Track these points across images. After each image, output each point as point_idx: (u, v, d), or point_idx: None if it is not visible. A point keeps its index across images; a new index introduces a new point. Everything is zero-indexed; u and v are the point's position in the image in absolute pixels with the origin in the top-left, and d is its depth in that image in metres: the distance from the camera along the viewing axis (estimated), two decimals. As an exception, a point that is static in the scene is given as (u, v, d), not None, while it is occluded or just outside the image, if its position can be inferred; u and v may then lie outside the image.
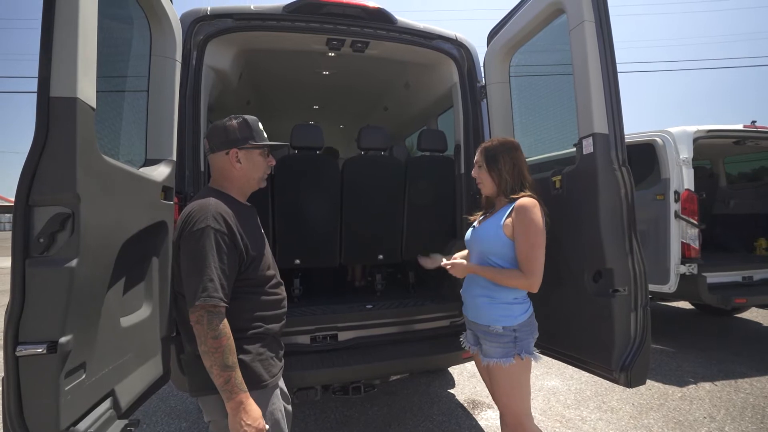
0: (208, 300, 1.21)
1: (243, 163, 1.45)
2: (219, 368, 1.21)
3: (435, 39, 2.72)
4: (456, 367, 3.74)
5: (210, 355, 1.21)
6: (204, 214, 1.29)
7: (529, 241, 1.59)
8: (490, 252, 1.70)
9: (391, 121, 4.63)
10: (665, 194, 3.83)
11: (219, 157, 1.46)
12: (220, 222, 1.30)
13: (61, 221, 1.12)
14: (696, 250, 3.80)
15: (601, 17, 1.79)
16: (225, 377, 1.21)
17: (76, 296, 1.15)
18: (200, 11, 2.33)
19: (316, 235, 2.79)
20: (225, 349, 1.21)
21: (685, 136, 3.89)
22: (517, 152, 1.76)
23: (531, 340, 1.68)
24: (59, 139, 1.12)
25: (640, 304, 1.74)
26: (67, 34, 1.15)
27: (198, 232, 1.26)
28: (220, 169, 1.47)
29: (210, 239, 1.26)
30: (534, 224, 1.58)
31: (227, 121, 1.48)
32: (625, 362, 1.70)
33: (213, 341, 1.21)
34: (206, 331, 1.21)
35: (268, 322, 1.46)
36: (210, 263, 1.24)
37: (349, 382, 2.31)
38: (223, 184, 1.48)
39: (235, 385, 1.22)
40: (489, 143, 1.81)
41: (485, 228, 1.75)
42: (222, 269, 1.26)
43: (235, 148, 1.43)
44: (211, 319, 1.22)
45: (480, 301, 1.73)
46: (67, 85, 1.14)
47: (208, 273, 1.23)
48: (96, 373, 1.30)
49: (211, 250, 1.25)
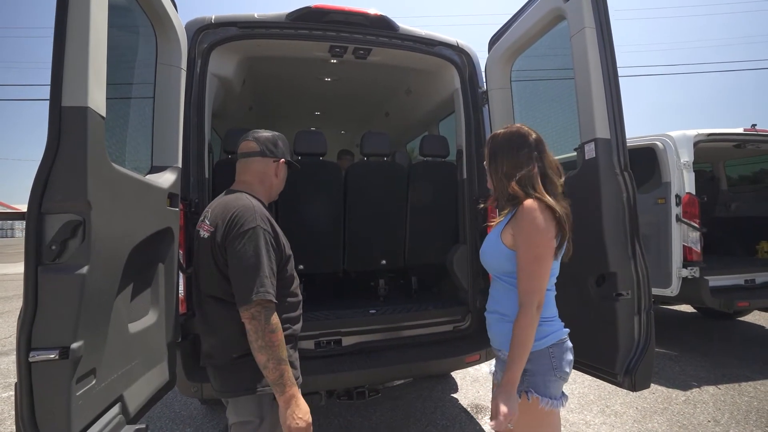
0: (266, 295, 1.25)
1: (280, 175, 1.56)
2: (275, 362, 1.25)
3: (437, 45, 2.75)
4: (459, 372, 3.74)
5: (267, 350, 1.25)
6: (252, 215, 1.34)
7: (531, 253, 1.27)
8: (494, 269, 1.43)
9: (393, 127, 4.65)
10: (666, 198, 3.84)
11: (265, 163, 1.53)
12: (266, 223, 1.36)
13: (72, 228, 1.14)
14: (698, 253, 3.80)
15: (602, 23, 1.81)
16: (280, 371, 1.25)
17: (87, 303, 1.17)
18: (205, 19, 2.35)
19: (320, 241, 2.81)
20: (282, 343, 1.27)
21: (686, 139, 3.91)
22: (524, 148, 1.38)
23: (551, 378, 1.30)
24: (70, 148, 1.14)
25: (644, 308, 1.75)
26: (78, 45, 1.17)
27: (250, 232, 1.31)
28: (261, 174, 1.53)
29: (260, 239, 1.31)
30: (536, 231, 1.26)
31: (273, 134, 1.58)
32: (630, 366, 1.70)
33: (271, 335, 1.25)
34: (264, 327, 1.25)
35: (294, 323, 1.49)
36: (263, 261, 1.29)
37: (353, 387, 2.32)
38: (256, 188, 1.52)
39: (288, 379, 1.27)
40: (497, 132, 1.48)
41: (488, 238, 1.48)
42: (271, 267, 1.32)
43: (282, 159, 1.55)
44: (268, 315, 1.26)
45: (491, 317, 1.45)
46: (78, 95, 1.16)
47: (264, 270, 1.28)
48: (105, 378, 1.31)
49: (263, 249, 1.31)
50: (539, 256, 1.27)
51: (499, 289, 1.44)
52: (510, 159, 1.39)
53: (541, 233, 1.27)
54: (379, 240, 2.92)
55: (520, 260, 1.30)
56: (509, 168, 1.38)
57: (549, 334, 1.33)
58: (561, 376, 1.33)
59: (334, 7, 2.46)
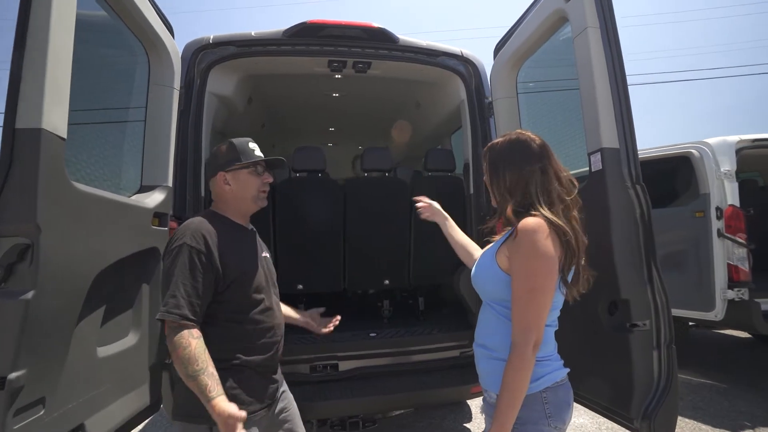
0: (166, 316, 1.22)
1: (232, 184, 1.47)
2: (185, 377, 1.21)
3: (440, 56, 2.66)
4: (473, 400, 3.48)
5: (176, 365, 1.22)
6: (183, 232, 1.32)
7: (528, 282, 1.09)
8: (487, 294, 1.25)
9: (406, 142, 4.57)
10: (705, 211, 3.48)
11: (213, 182, 1.51)
12: (198, 240, 1.31)
13: (19, 252, 1.11)
14: (745, 272, 3.39)
15: (606, 23, 1.65)
16: (192, 386, 1.20)
17: (33, 329, 1.13)
18: (203, 40, 2.39)
19: (319, 260, 2.73)
20: (183, 359, 1.20)
21: (726, 146, 3.54)
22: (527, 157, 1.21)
23: (545, 429, 1.12)
24: (21, 170, 1.12)
25: (664, 341, 1.52)
26: (35, 66, 1.16)
27: (174, 250, 1.29)
28: (216, 193, 1.52)
29: (183, 256, 1.27)
30: (534, 256, 1.08)
31: (217, 147, 1.52)
32: (648, 409, 1.47)
33: (174, 352, 1.21)
34: (170, 343, 1.22)
35: (249, 354, 1.38)
36: (176, 280, 1.25)
37: (347, 416, 2.18)
38: (220, 206, 1.52)
39: (201, 392, 1.19)
40: (495, 142, 1.31)
41: (480, 260, 1.30)
42: (193, 286, 1.26)
43: (221, 172, 1.47)
44: (170, 334, 1.23)
45: (477, 351, 1.28)
46: (32, 117, 1.14)
47: (172, 289, 1.24)
48: (59, 407, 1.26)
49: (181, 267, 1.26)
50: (537, 287, 1.08)
51: (489, 319, 1.25)
52: (512, 171, 1.21)
53: (540, 259, 1.08)
54: (382, 259, 2.80)
55: (515, 289, 1.12)
56: (512, 181, 1.21)
57: (543, 375, 1.13)
58: (556, 426, 1.14)
59: (330, 22, 2.43)
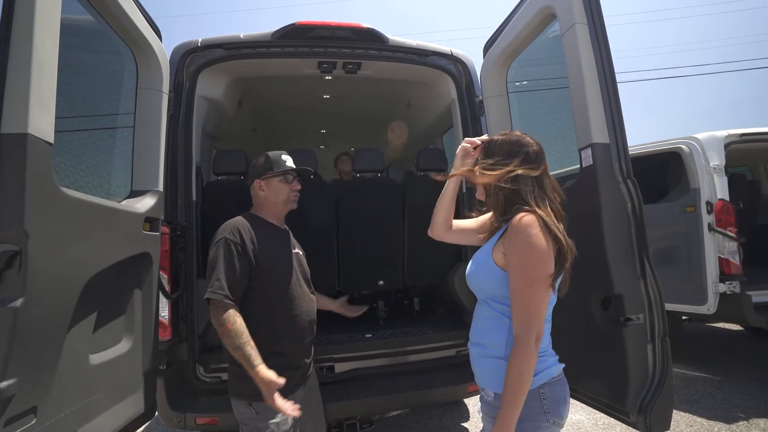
0: (213, 295, 1.45)
1: (266, 190, 1.73)
2: (231, 349, 1.43)
3: (430, 55, 2.66)
4: (471, 399, 3.48)
5: (223, 339, 1.44)
6: (224, 229, 1.59)
7: (526, 276, 1.10)
8: (483, 291, 1.25)
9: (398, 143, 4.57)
10: (696, 205, 3.52)
11: (252, 189, 1.76)
12: (235, 234, 1.56)
13: (7, 259, 1.09)
14: (736, 266, 3.42)
15: (594, 19, 1.67)
16: (238, 356, 1.42)
17: (23, 337, 1.11)
18: (192, 43, 2.37)
19: (313, 262, 2.72)
20: (229, 333, 1.42)
21: (715, 141, 3.58)
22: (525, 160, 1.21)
23: (543, 425, 1.13)
24: (7, 176, 1.10)
25: (658, 335, 1.53)
26: (20, 70, 1.14)
27: (217, 243, 1.55)
28: (254, 197, 1.77)
29: (223, 248, 1.53)
30: (531, 250, 1.09)
31: (256, 159, 1.79)
32: (643, 403, 1.48)
33: (220, 328, 1.44)
34: (215, 321, 1.45)
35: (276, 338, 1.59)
36: (219, 266, 1.50)
37: (344, 418, 2.17)
38: (257, 208, 1.77)
39: (245, 361, 1.41)
40: (494, 138, 1.32)
41: (476, 256, 1.29)
42: (233, 271, 1.50)
43: (257, 179, 1.73)
44: (217, 311, 1.45)
45: (472, 350, 1.28)
46: (18, 122, 1.12)
47: (216, 274, 1.49)
48: (52, 416, 1.24)
49: (222, 256, 1.51)
50: (536, 280, 1.09)
51: (484, 317, 1.25)
52: (509, 168, 1.19)
53: (536, 252, 1.09)
54: (376, 259, 2.79)
55: (513, 284, 1.13)
56: (507, 179, 1.19)
57: (540, 371, 1.14)
58: (555, 422, 1.14)
59: (318, 23, 2.42)
